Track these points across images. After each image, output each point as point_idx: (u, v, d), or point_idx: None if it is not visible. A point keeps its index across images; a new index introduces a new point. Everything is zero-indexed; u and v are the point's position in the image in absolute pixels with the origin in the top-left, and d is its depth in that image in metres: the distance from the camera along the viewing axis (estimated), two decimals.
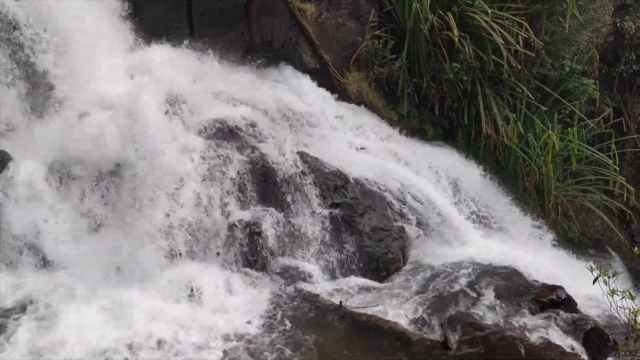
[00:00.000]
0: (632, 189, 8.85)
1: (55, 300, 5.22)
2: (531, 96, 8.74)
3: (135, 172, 6.09)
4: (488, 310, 5.49)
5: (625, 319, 3.87)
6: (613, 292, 3.82)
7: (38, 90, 6.52)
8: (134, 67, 7.32)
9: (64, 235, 5.92)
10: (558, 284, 5.77)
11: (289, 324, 5.19)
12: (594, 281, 3.90)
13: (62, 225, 5.97)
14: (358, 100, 8.45)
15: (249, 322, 5.19)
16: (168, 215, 5.88)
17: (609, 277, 3.86)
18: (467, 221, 7.30)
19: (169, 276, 5.58)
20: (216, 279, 5.63)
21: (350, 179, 6.77)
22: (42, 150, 6.36)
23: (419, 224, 6.73)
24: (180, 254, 5.76)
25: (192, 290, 5.47)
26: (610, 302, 3.81)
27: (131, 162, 6.14)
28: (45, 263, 5.74)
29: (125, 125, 6.30)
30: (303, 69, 8.45)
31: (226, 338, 4.98)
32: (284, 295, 5.57)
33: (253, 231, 5.94)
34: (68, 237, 5.94)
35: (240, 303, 5.43)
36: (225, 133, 6.67)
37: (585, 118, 9.10)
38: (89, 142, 6.29)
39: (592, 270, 3.91)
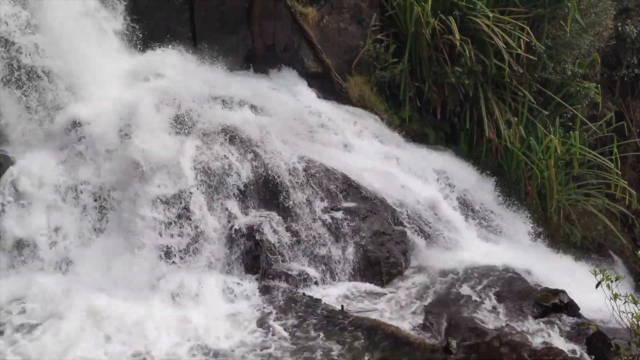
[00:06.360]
0: (634, 192, 8.83)
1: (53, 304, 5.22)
2: (533, 100, 8.73)
3: (135, 175, 6.11)
4: (490, 315, 5.47)
5: (628, 323, 3.84)
6: (616, 297, 3.79)
7: (39, 94, 6.53)
8: (135, 71, 7.34)
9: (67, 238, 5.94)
10: (560, 287, 5.75)
11: (290, 329, 5.17)
12: (597, 285, 3.87)
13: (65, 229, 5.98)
14: (360, 104, 8.43)
15: (250, 328, 5.17)
16: (169, 219, 5.88)
17: (611, 281, 3.83)
18: (468, 225, 7.29)
19: (170, 281, 5.57)
20: (217, 285, 5.60)
21: (352, 183, 6.76)
22: (45, 152, 6.38)
23: (420, 228, 6.71)
24: (181, 259, 5.74)
25: (192, 296, 5.45)
26: (613, 307, 3.78)
27: (133, 164, 6.16)
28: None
29: (126, 127, 6.34)
30: (305, 73, 8.45)
31: (226, 343, 4.97)
32: (285, 300, 5.55)
33: (254, 236, 5.92)
34: (71, 240, 5.95)
35: (241, 309, 5.41)
36: (226, 137, 6.66)
37: (587, 122, 9.07)
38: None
39: (595, 274, 3.89)
